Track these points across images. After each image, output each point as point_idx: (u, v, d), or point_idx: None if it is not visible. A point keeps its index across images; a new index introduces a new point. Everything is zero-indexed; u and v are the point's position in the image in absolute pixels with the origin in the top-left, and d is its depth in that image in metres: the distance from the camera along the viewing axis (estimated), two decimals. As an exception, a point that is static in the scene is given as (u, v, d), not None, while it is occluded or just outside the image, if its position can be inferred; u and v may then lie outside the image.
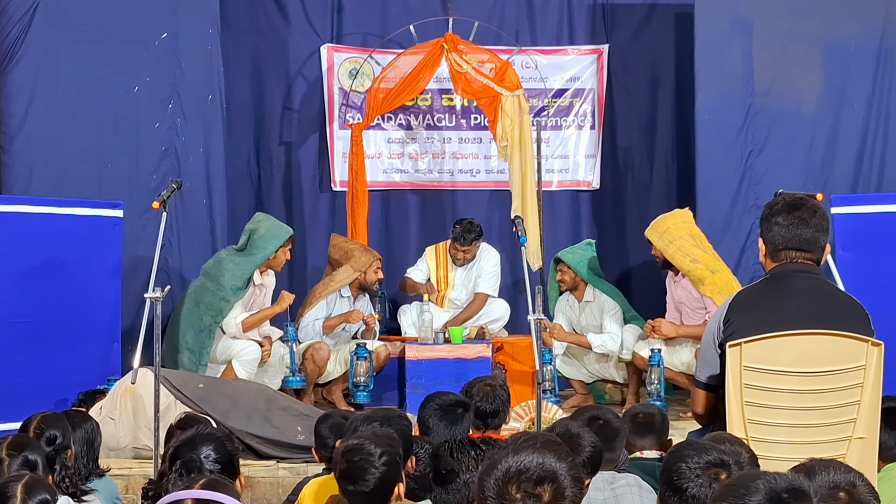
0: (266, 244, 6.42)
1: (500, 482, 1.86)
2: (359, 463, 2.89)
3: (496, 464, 1.88)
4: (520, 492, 1.84)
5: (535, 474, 1.85)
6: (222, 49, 7.20)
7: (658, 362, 6.20)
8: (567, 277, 6.91)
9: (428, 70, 7.49)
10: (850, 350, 3.14)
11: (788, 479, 1.89)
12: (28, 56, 6.72)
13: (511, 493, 1.84)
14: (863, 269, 5.70)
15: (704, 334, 3.39)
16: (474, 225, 7.15)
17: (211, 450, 2.85)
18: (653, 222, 6.57)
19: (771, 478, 1.89)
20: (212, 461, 2.81)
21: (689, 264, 6.33)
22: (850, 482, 2.31)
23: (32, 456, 3.29)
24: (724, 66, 7.19)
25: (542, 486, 1.84)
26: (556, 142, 8.09)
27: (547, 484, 1.85)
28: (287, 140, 8.07)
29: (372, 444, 2.93)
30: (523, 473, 1.85)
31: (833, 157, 7.19)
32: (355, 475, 2.89)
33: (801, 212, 3.25)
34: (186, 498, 2.27)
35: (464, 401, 3.97)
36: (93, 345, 6.05)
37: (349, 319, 6.84)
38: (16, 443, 3.34)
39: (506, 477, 1.85)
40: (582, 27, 8.12)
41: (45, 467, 3.35)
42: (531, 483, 1.84)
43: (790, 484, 1.87)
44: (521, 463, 1.86)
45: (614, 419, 3.62)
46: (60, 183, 6.68)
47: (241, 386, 5.85)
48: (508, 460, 1.87)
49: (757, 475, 1.94)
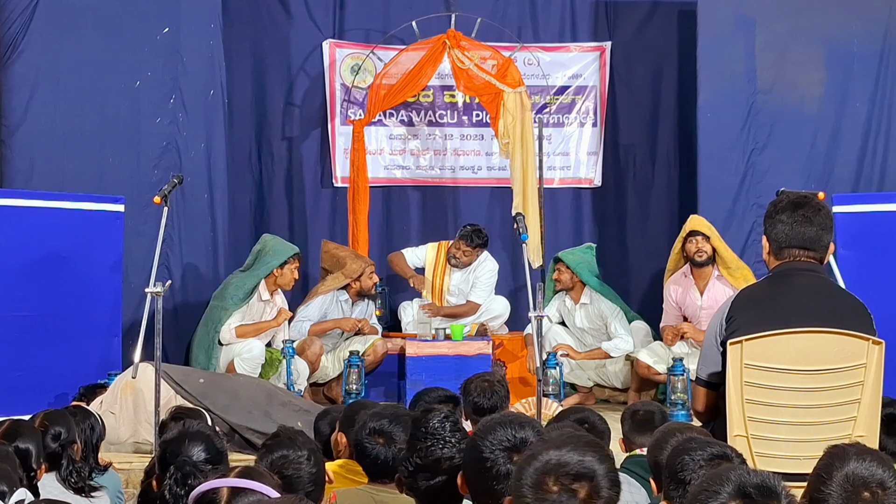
0: (270, 259, 6.52)
1: (538, 472, 1.89)
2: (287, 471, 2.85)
3: (537, 454, 1.92)
4: (557, 484, 1.88)
5: (574, 469, 1.88)
6: (224, 44, 7.20)
7: (682, 371, 6.00)
8: (564, 277, 6.90)
9: (430, 66, 7.48)
10: (851, 348, 3.14)
11: (761, 476, 1.91)
12: (30, 50, 6.72)
13: (548, 484, 1.88)
14: (864, 268, 5.70)
15: (707, 331, 3.40)
16: (483, 233, 7.16)
17: (201, 449, 2.84)
18: (693, 219, 6.58)
19: (744, 472, 1.91)
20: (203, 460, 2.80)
21: (737, 261, 6.44)
22: (880, 482, 2.20)
23: (24, 444, 3.29)
24: (727, 64, 7.18)
25: (580, 483, 1.88)
26: (557, 139, 8.09)
27: (584, 481, 1.88)
28: (289, 135, 8.06)
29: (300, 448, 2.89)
30: (563, 467, 1.88)
31: (835, 155, 7.18)
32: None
33: (805, 210, 3.25)
34: (222, 486, 2.26)
35: (454, 396, 3.98)
36: (93, 339, 6.05)
37: (341, 326, 6.85)
38: (9, 432, 3.34)
39: (545, 468, 1.89)
40: (584, 24, 8.11)
41: (40, 457, 3.35)
42: (569, 478, 1.88)
43: (762, 481, 1.88)
44: (562, 457, 1.89)
45: (599, 422, 3.65)
46: (61, 177, 6.67)
47: (242, 381, 5.85)
48: (549, 453, 1.91)
49: (731, 469, 1.95)
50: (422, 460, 2.63)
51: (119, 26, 6.86)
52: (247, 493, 2.26)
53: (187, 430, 2.93)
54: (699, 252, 6.44)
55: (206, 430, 3.02)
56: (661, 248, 7.43)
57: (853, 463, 1.99)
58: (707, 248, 6.43)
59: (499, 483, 2.26)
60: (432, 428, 2.67)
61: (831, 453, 2.12)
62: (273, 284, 6.57)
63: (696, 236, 6.47)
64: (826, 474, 1.99)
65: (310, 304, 6.90)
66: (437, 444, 2.63)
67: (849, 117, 7.18)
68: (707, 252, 6.43)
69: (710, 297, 6.42)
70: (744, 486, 1.86)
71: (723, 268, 6.46)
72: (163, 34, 6.94)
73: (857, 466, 2.04)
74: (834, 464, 2.02)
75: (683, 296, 6.56)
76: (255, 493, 2.26)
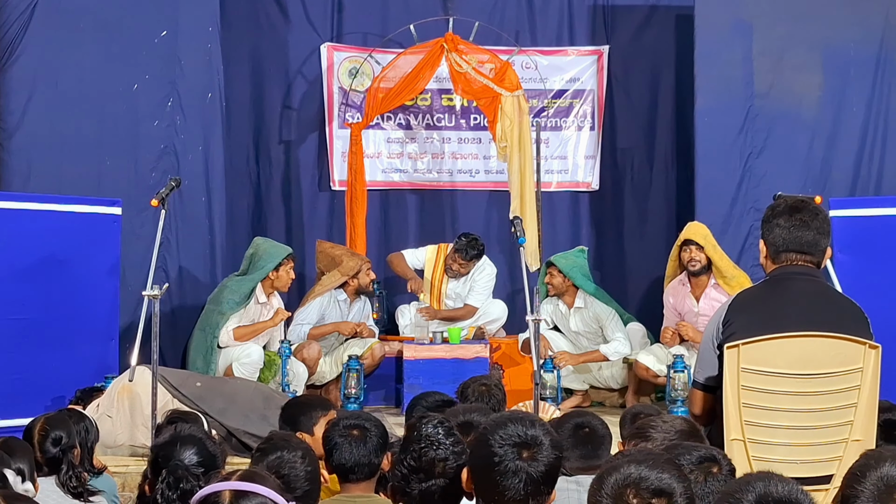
0: (265, 263, 6.52)
1: (619, 484, 1.96)
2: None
3: (619, 467, 1.99)
4: (637, 497, 1.95)
5: (653, 485, 1.96)
6: (222, 47, 7.19)
7: (683, 367, 6.03)
8: (556, 281, 6.86)
9: (428, 70, 7.49)
10: (848, 352, 3.14)
11: (788, 486, 1.95)
12: (27, 52, 6.71)
13: (628, 496, 1.95)
14: (861, 272, 5.71)
15: (704, 335, 3.40)
16: (478, 243, 7.14)
17: (193, 453, 2.83)
18: (689, 227, 6.55)
19: (770, 482, 1.95)
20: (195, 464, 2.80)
21: (733, 269, 6.41)
22: None
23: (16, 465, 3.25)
24: (724, 69, 7.19)
25: (659, 499, 1.95)
26: (555, 142, 8.09)
27: (663, 497, 1.95)
28: (286, 139, 8.06)
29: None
30: (643, 481, 1.96)
31: (832, 159, 7.19)
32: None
33: (803, 214, 3.25)
34: (224, 489, 2.26)
35: (450, 400, 3.98)
36: (90, 342, 6.04)
37: (340, 330, 6.85)
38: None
39: (626, 481, 1.96)
40: (582, 28, 8.12)
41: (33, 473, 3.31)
42: (648, 492, 1.95)
43: (789, 494, 1.93)
44: (642, 472, 1.97)
45: (600, 426, 3.63)
46: (59, 180, 6.66)
47: (239, 384, 5.85)
48: (630, 467, 1.98)
49: (756, 478, 1.99)
50: (415, 462, 2.63)
51: (117, 29, 6.85)
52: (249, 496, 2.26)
53: (179, 433, 2.92)
54: (692, 262, 6.44)
55: (198, 433, 3.02)
56: (659, 251, 7.44)
57: (888, 466, 2.04)
58: (701, 258, 6.42)
59: (505, 479, 2.27)
60: (426, 431, 2.67)
61: (868, 454, 2.18)
62: (270, 287, 6.57)
63: (690, 245, 6.46)
64: (861, 473, 2.05)
65: (308, 306, 6.89)
66: (431, 446, 2.64)
67: (845, 121, 7.19)
68: (701, 261, 6.42)
69: (707, 304, 6.42)
70: (768, 497, 1.92)
71: (718, 277, 6.45)
72: (160, 37, 6.94)
73: (892, 469, 2.07)
74: (869, 464, 2.08)
75: (681, 303, 6.57)
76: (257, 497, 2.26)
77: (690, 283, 6.53)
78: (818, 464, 3.15)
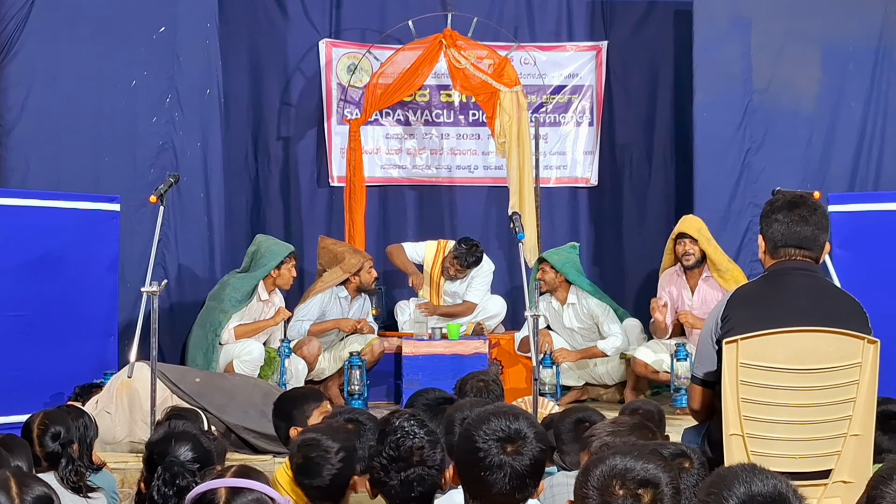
0: (267, 261, 6.51)
1: (605, 475, 1.97)
2: (315, 459, 2.88)
3: (605, 459, 2.00)
4: (623, 489, 1.95)
5: (639, 475, 1.96)
6: (220, 43, 7.18)
7: (686, 356, 6.08)
8: (549, 277, 6.81)
9: (426, 66, 7.49)
10: (846, 347, 3.15)
11: (774, 480, 1.95)
12: (25, 49, 6.70)
13: (614, 488, 1.96)
14: (859, 268, 5.71)
15: (702, 330, 3.41)
16: (477, 249, 7.11)
17: (188, 449, 2.83)
18: (683, 220, 6.56)
19: (754, 477, 1.95)
20: (190, 460, 2.80)
21: (728, 262, 6.41)
22: None
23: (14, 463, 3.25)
24: (723, 64, 7.19)
25: (645, 489, 1.96)
26: (554, 138, 8.09)
27: (649, 488, 1.96)
28: (285, 135, 8.06)
29: (329, 439, 2.92)
30: (629, 472, 1.97)
31: (830, 155, 7.19)
32: (311, 470, 2.89)
33: (802, 209, 3.26)
34: (220, 486, 2.26)
35: (450, 397, 3.98)
36: (89, 339, 6.04)
37: (341, 327, 6.85)
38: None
39: (612, 472, 1.97)
40: (581, 24, 8.11)
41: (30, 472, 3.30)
42: (635, 483, 1.96)
43: (774, 489, 1.92)
44: (628, 463, 1.98)
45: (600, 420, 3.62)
46: (57, 176, 6.66)
47: (238, 381, 5.85)
48: (616, 459, 1.99)
49: (741, 470, 1.99)
50: (394, 451, 2.65)
51: (115, 25, 6.85)
52: (245, 492, 2.26)
53: (173, 430, 2.93)
54: (686, 255, 6.46)
55: (193, 429, 3.02)
56: (657, 247, 7.42)
57: None
58: (695, 251, 6.43)
59: (491, 473, 2.28)
60: (400, 423, 2.71)
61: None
62: (272, 285, 6.57)
63: (684, 238, 6.48)
64: (888, 475, 2.04)
65: (308, 302, 6.89)
66: (407, 436, 2.67)
67: (844, 117, 7.20)
68: (695, 255, 6.43)
69: (700, 297, 6.47)
70: (753, 494, 1.91)
71: (713, 270, 6.46)
72: (159, 33, 6.93)
73: None
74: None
75: (676, 293, 6.58)
76: (253, 493, 2.26)
77: (686, 275, 6.56)
78: (817, 458, 3.16)
